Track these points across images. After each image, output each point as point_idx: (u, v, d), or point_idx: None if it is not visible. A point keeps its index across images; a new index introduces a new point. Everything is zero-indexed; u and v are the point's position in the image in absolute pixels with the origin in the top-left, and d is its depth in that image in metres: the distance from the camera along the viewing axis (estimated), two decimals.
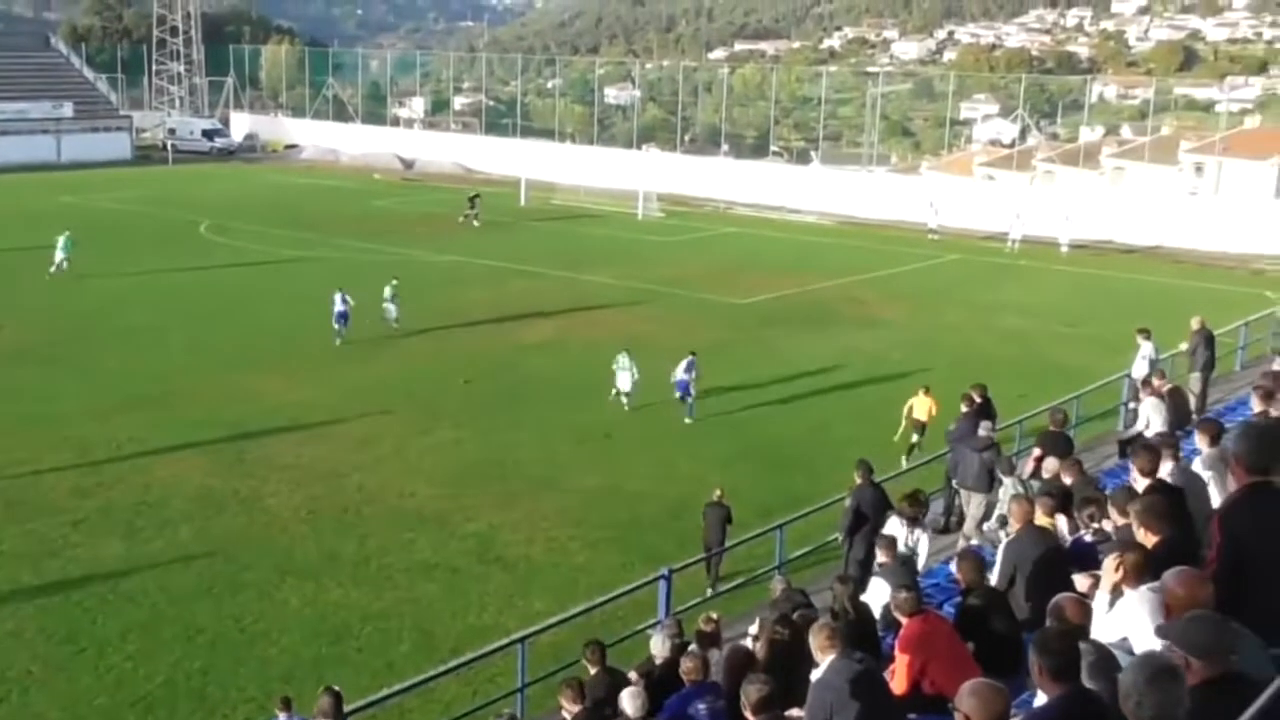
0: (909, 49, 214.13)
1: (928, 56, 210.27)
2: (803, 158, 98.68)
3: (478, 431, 26.37)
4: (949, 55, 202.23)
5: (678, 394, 27.51)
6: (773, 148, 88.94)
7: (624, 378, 28.35)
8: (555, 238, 55.76)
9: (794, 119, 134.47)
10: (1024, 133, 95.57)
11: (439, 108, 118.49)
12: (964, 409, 18.97)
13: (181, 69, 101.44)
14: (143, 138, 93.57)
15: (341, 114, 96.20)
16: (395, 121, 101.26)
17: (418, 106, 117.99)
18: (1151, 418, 17.51)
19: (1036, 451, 16.64)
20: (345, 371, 30.92)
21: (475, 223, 56.86)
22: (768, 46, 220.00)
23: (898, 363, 33.51)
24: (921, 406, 23.94)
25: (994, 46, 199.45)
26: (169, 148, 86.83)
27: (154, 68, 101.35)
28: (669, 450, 25.45)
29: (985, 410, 18.87)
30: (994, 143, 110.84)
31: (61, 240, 42.10)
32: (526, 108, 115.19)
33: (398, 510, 21.89)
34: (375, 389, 29.51)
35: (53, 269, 41.74)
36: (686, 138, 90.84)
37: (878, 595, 10.75)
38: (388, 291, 35.13)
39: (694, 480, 23.37)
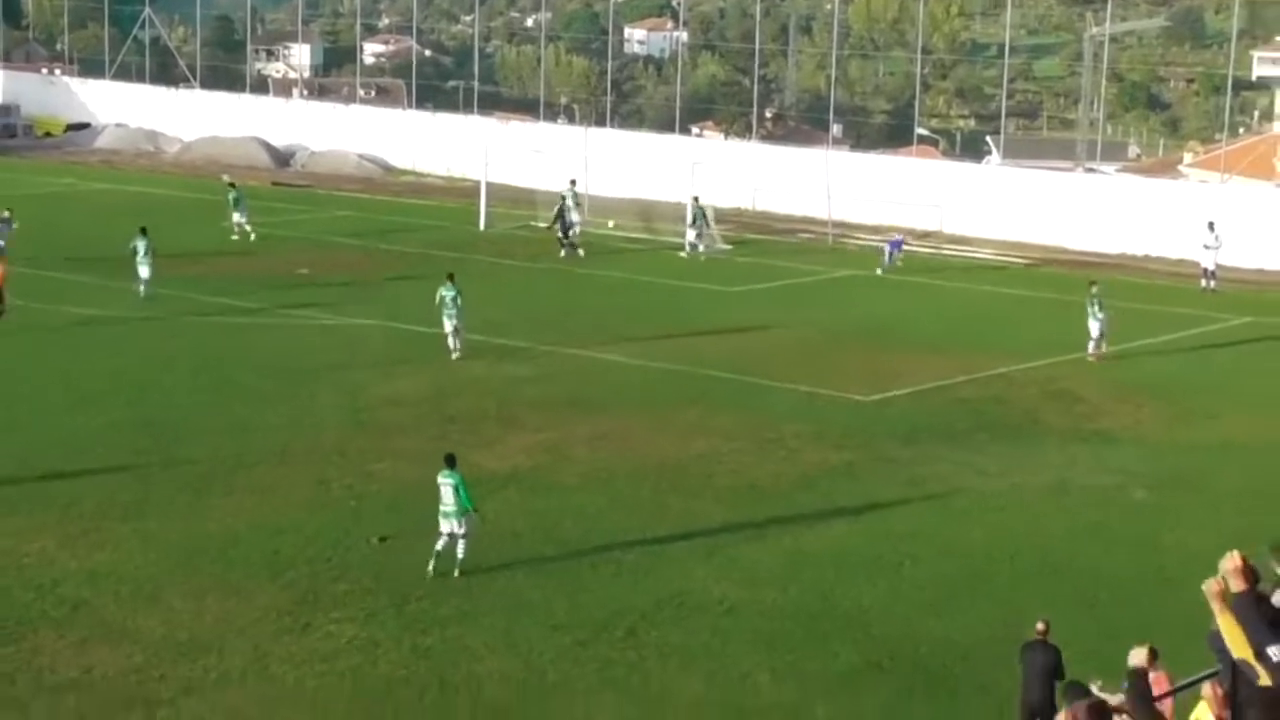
0: None
1: None
2: (972, 148, 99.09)
3: (401, 626, 26.49)
4: None
5: None
6: (919, 131, 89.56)
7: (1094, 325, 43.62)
8: (539, 286, 56.50)
9: (956, 81, 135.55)
10: None
11: (337, 61, 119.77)
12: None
13: None
14: None
15: (167, 72, 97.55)
16: (261, 86, 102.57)
17: (300, 59, 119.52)
18: None
19: None
20: (165, 522, 31.03)
21: (572, 251, 61.72)
22: None
23: (1143, 510, 33.57)
24: None
25: None
26: None
27: None
28: (739, 659, 25.47)
29: None
30: None
31: None
32: (489, 62, 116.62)
33: None
34: (217, 549, 29.68)
35: None
36: (769, 114, 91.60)
37: None
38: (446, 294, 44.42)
39: (782, 712, 23.42)
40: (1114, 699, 20.03)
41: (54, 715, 22.97)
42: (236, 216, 62.89)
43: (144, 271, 51.66)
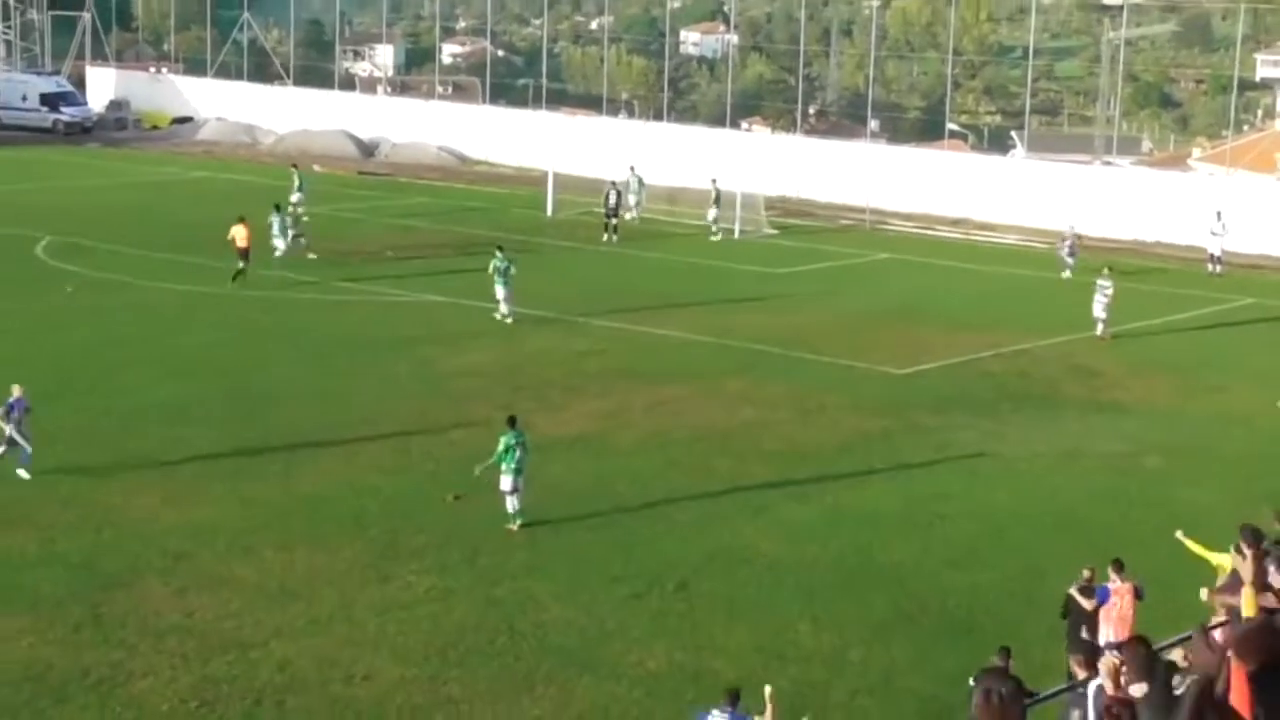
0: None
1: None
2: (998, 142, 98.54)
3: (473, 577, 26.58)
4: None
5: None
6: (950, 126, 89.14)
7: (1101, 301, 44.91)
8: (600, 267, 56.51)
9: (984, 80, 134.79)
10: None
11: (418, 61, 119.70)
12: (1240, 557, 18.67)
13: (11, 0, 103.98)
14: None
15: (263, 70, 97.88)
16: (348, 83, 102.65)
17: (384, 59, 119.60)
18: None
19: None
20: (258, 482, 31.18)
21: (612, 234, 61.51)
22: None
23: (1155, 474, 33.53)
24: None
25: None
26: None
27: None
28: (782, 609, 25.44)
29: None
30: None
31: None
32: (556, 61, 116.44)
33: (343, 703, 21.97)
34: (306, 507, 29.85)
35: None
36: (812, 110, 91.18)
37: None
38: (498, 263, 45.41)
39: (821, 658, 23.36)
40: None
41: (158, 655, 23.11)
42: (295, 197, 62.95)
43: (280, 243, 52.77)
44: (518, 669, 23.03)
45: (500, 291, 45.55)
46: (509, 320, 45.34)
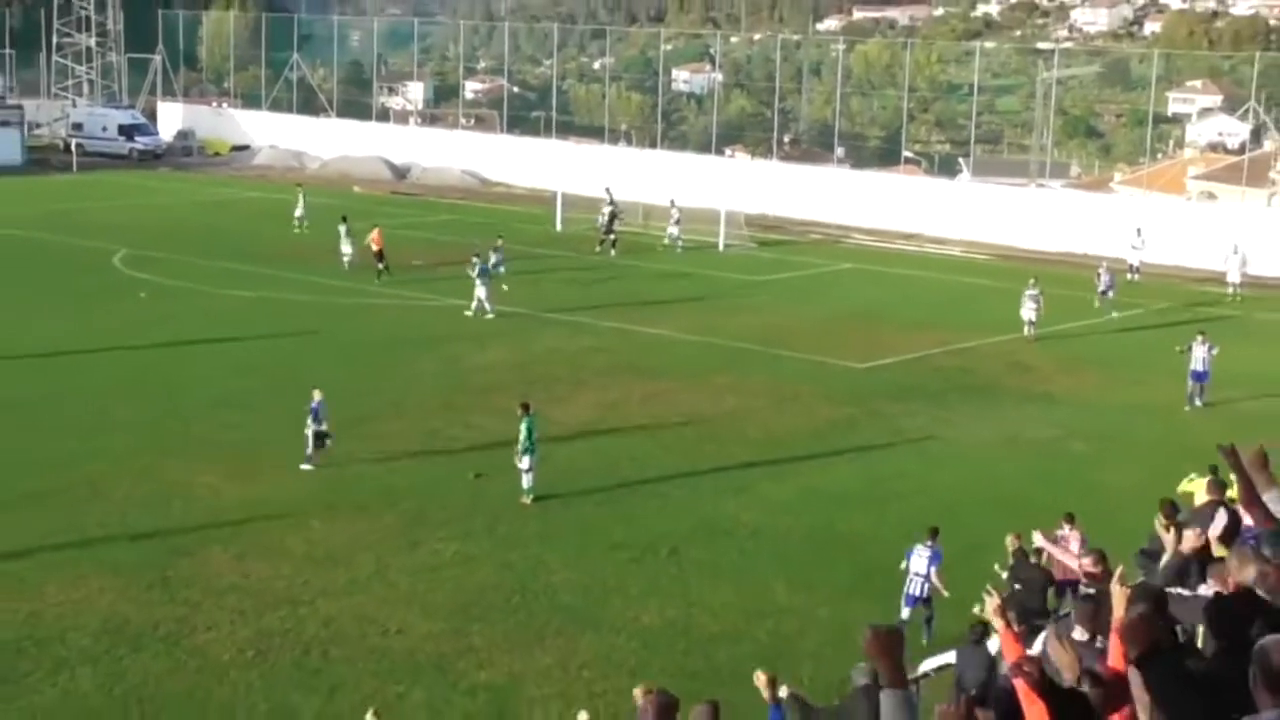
0: (1096, 18, 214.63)
1: (1122, 28, 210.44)
2: (947, 167, 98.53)
3: (492, 544, 26.63)
4: (1151, 27, 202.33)
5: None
6: (905, 154, 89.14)
7: (1030, 307, 44.43)
8: (603, 274, 56.44)
9: (935, 114, 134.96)
10: (1257, 134, 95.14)
11: (444, 96, 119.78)
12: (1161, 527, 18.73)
13: (92, 42, 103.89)
14: (37, 135, 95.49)
15: (310, 104, 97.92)
16: (384, 115, 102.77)
17: (415, 94, 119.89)
18: None
19: None
20: (306, 463, 31.19)
21: (609, 249, 60.87)
22: (899, 14, 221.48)
23: (1080, 457, 33.63)
24: None
25: (1215, 15, 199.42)
26: (73, 149, 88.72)
27: (54, 40, 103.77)
28: (760, 573, 25.51)
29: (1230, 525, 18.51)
30: (1215, 148, 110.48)
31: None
32: (564, 97, 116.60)
33: (379, 653, 22.01)
34: (349, 485, 29.91)
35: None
36: (786, 139, 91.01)
37: None
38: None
39: (794, 614, 23.44)
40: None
41: (219, 611, 23.16)
42: (298, 213, 63.59)
43: (346, 248, 52.82)
44: (530, 624, 23.09)
45: (481, 291, 46.17)
46: (489, 316, 45.75)
